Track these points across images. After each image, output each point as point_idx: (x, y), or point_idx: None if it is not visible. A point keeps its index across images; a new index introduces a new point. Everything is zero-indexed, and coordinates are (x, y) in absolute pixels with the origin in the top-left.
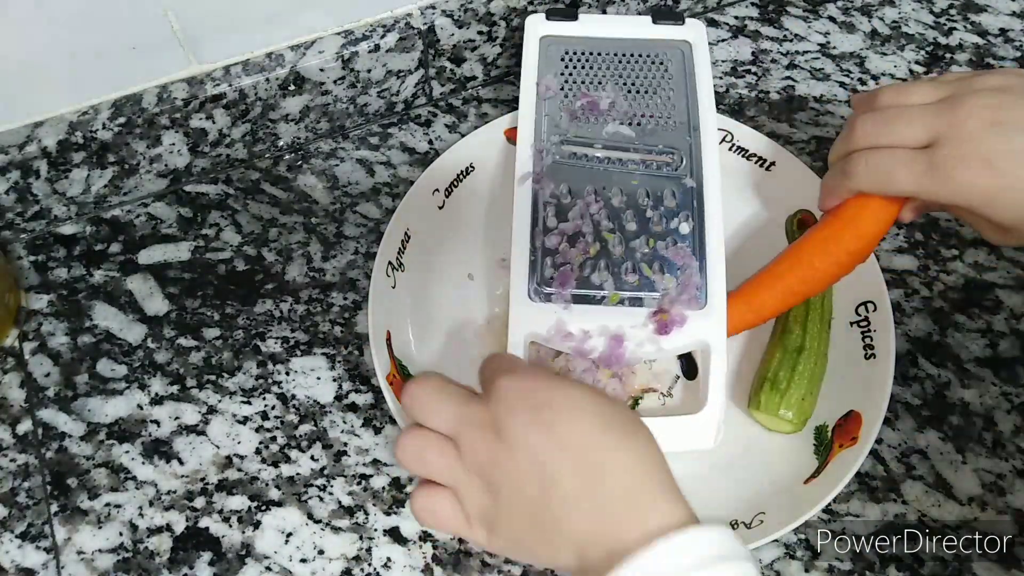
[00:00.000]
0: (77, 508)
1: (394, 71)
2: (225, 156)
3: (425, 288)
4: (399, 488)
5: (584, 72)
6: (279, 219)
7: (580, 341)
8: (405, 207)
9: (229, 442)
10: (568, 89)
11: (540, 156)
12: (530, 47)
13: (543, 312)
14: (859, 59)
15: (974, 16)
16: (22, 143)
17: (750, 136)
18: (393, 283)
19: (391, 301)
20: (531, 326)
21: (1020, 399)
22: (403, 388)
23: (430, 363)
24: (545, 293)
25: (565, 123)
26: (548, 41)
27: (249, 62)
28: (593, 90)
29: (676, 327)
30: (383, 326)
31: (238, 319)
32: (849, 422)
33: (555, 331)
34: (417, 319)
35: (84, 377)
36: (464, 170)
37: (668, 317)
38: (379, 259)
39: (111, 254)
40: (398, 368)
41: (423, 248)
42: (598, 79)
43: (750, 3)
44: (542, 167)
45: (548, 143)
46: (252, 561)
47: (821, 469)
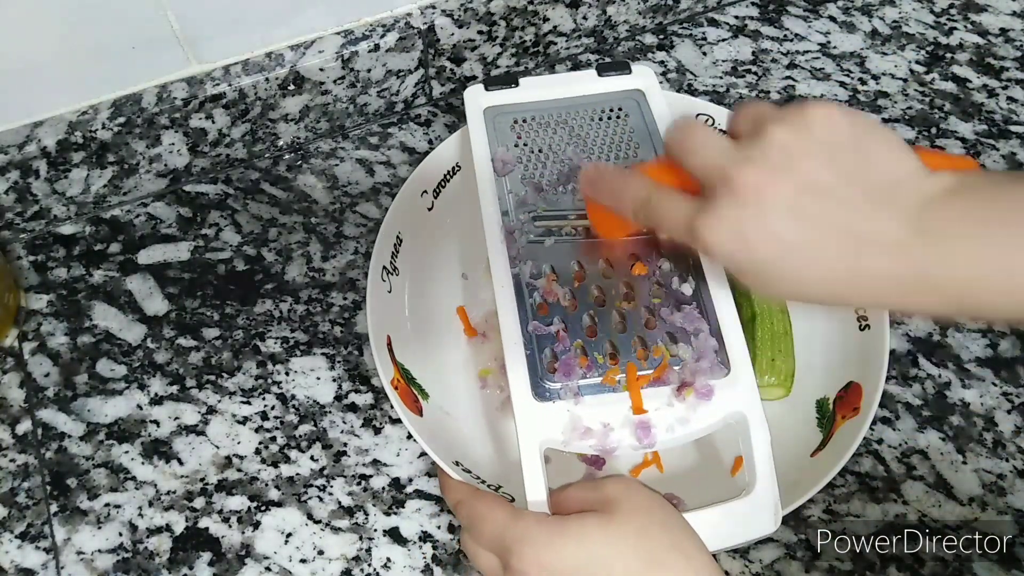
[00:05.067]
0: (77, 508)
1: (394, 71)
2: (225, 156)
3: (421, 290)
4: (399, 488)
5: (539, 139)
6: (279, 219)
7: (601, 437)
8: (395, 211)
9: (229, 442)
10: (527, 160)
11: (513, 238)
12: (475, 122)
13: (553, 413)
14: (859, 59)
15: (974, 16)
16: (22, 143)
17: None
18: (389, 288)
19: (388, 306)
20: (543, 432)
21: (1020, 399)
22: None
23: (430, 365)
24: (551, 390)
25: (531, 197)
26: (494, 112)
27: (249, 62)
28: (554, 157)
29: (703, 401)
30: (383, 331)
31: (238, 319)
32: (850, 393)
33: (571, 431)
34: (415, 321)
35: (84, 377)
36: (451, 170)
37: (693, 391)
38: (373, 264)
39: (111, 254)
40: (401, 372)
41: (416, 251)
42: (556, 144)
43: (750, 3)
44: (517, 250)
45: (518, 222)
46: (252, 561)
47: (826, 441)
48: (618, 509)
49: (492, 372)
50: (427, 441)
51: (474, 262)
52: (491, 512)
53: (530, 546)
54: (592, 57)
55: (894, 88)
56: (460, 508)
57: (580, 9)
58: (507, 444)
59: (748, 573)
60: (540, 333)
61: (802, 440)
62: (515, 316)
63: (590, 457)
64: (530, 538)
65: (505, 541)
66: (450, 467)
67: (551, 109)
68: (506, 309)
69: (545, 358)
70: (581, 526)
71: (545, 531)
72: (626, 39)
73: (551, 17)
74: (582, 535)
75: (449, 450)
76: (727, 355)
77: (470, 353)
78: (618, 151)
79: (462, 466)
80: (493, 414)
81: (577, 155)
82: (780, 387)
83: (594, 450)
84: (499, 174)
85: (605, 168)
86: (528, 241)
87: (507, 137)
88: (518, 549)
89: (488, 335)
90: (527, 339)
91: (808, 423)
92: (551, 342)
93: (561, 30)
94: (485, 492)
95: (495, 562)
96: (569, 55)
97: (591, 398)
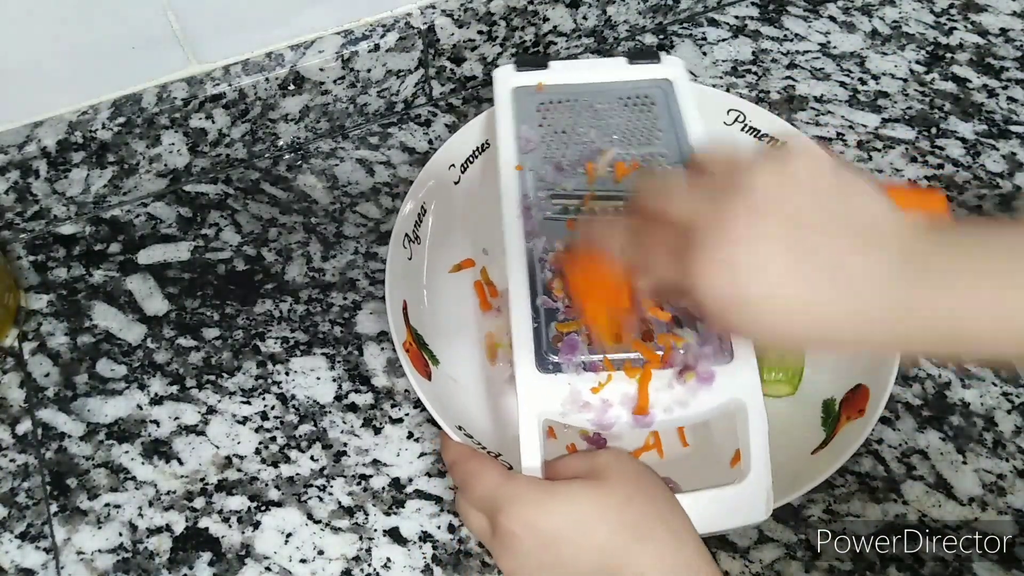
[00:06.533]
0: (77, 508)
1: (394, 71)
2: (225, 156)
3: (441, 261)
4: (399, 488)
5: (564, 121)
6: (279, 219)
7: (600, 412)
8: (421, 181)
9: (229, 442)
10: (550, 140)
11: (529, 213)
12: (502, 100)
13: (554, 385)
14: (859, 59)
15: (974, 16)
16: (22, 143)
17: (762, 116)
18: (410, 255)
19: (407, 272)
20: (543, 403)
21: (1020, 399)
22: (447, 447)
23: (445, 334)
24: (554, 363)
25: (551, 176)
26: (521, 92)
27: (249, 62)
28: (577, 139)
29: (704, 385)
30: (400, 295)
31: (238, 319)
32: (857, 396)
33: (570, 403)
34: (432, 291)
35: (84, 377)
36: (480, 146)
37: (695, 375)
38: (396, 230)
39: (111, 254)
40: (414, 336)
41: (439, 222)
42: (580, 127)
43: (750, 3)
44: (532, 224)
45: (536, 199)
46: (252, 561)
47: (828, 441)
48: (608, 477)
49: (503, 346)
50: (432, 403)
51: (495, 238)
52: (484, 472)
53: (519, 505)
54: (592, 57)
55: (894, 88)
56: (455, 468)
57: (580, 9)
58: (510, 416)
59: (748, 573)
60: (548, 307)
61: (804, 438)
62: (525, 288)
63: (592, 437)
64: (520, 497)
65: (496, 500)
66: (453, 431)
67: (578, 92)
68: (517, 281)
69: (551, 332)
70: (569, 489)
71: (535, 492)
72: (626, 39)
73: (551, 17)
74: (570, 498)
75: (453, 415)
76: (731, 343)
77: (484, 326)
78: (640, 137)
79: (464, 431)
80: (500, 387)
81: (600, 138)
82: (787, 384)
83: (592, 424)
84: (522, 151)
85: (601, 217)
86: (544, 218)
87: (532, 117)
88: (507, 508)
89: (502, 310)
90: (535, 312)
91: (812, 422)
92: (557, 317)
93: (561, 30)
94: (481, 453)
95: (485, 522)
96: (569, 55)
97: (592, 375)
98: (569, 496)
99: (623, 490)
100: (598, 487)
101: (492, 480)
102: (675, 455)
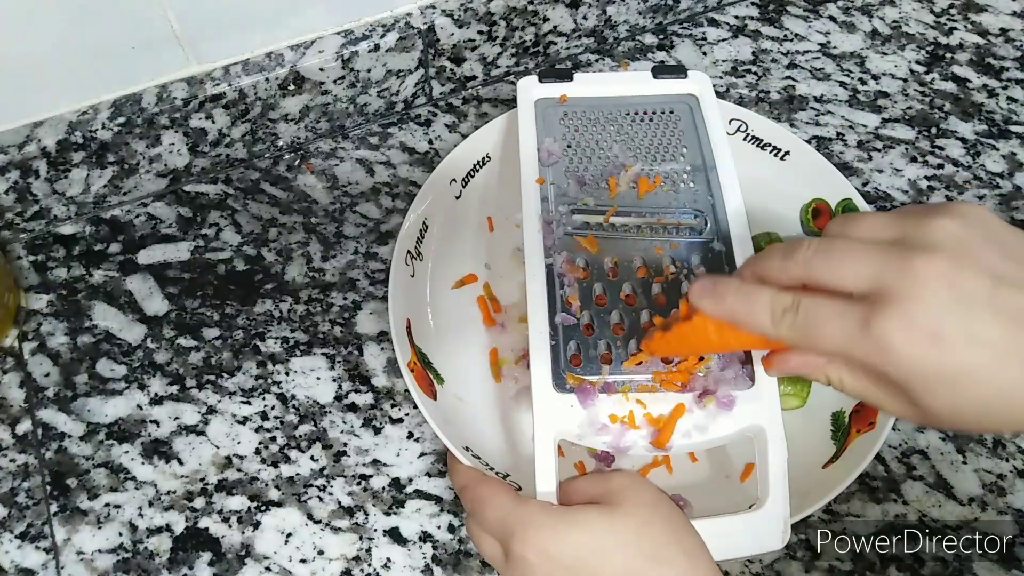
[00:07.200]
0: (77, 508)
1: (394, 71)
2: (225, 156)
3: (443, 278)
4: (399, 488)
5: (587, 134)
6: (279, 219)
7: (617, 435)
8: (423, 196)
9: (229, 442)
10: (572, 154)
11: (550, 228)
12: (525, 111)
13: (571, 404)
14: (859, 59)
15: (975, 16)
16: (22, 143)
17: (765, 125)
18: (412, 272)
19: (410, 290)
20: (559, 423)
21: None
22: (455, 471)
23: (449, 352)
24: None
25: (573, 190)
26: (544, 104)
27: (249, 62)
28: (600, 153)
29: (723, 410)
30: (403, 314)
31: (238, 319)
32: (866, 408)
33: (587, 425)
34: (436, 308)
35: (84, 377)
36: (481, 160)
37: (714, 400)
38: (398, 248)
39: (111, 254)
40: (418, 356)
41: (441, 237)
42: (603, 141)
43: (750, 3)
44: (553, 240)
45: (557, 213)
46: (252, 561)
47: (839, 454)
48: (623, 502)
49: (507, 363)
50: (439, 425)
51: (498, 253)
52: (496, 497)
53: (533, 531)
54: (592, 57)
55: (894, 88)
56: (465, 492)
57: (580, 9)
58: (518, 435)
59: (748, 573)
60: (567, 324)
61: (815, 451)
62: (544, 305)
63: (600, 453)
64: (533, 523)
65: (508, 526)
66: (460, 452)
67: (602, 106)
68: (536, 297)
69: (569, 350)
70: (585, 516)
71: (549, 518)
72: (626, 39)
73: (551, 17)
74: (585, 524)
75: (460, 435)
76: (753, 368)
77: (488, 343)
78: (665, 153)
79: (472, 452)
80: (507, 404)
81: (623, 153)
82: (796, 397)
83: (608, 447)
84: (544, 164)
85: (725, 278)
86: (565, 233)
87: (555, 129)
88: (521, 533)
89: (507, 326)
90: (553, 330)
91: (823, 435)
92: (576, 335)
93: (561, 30)
94: (491, 477)
95: (498, 548)
96: (569, 55)
97: (611, 396)
98: (584, 522)
99: (639, 516)
100: (613, 513)
101: (504, 505)
102: (684, 470)
